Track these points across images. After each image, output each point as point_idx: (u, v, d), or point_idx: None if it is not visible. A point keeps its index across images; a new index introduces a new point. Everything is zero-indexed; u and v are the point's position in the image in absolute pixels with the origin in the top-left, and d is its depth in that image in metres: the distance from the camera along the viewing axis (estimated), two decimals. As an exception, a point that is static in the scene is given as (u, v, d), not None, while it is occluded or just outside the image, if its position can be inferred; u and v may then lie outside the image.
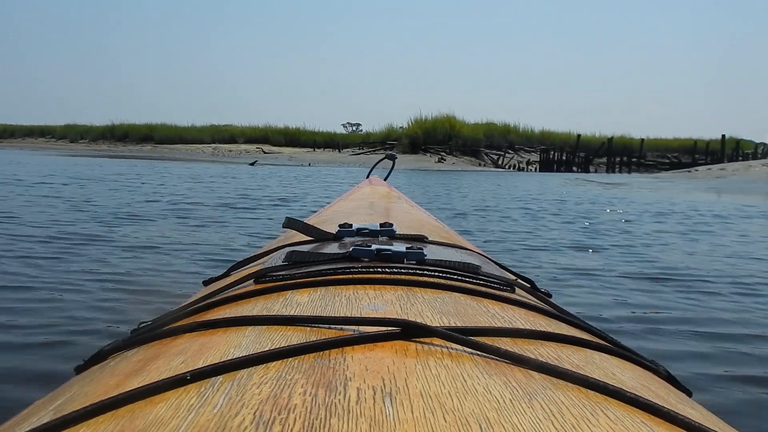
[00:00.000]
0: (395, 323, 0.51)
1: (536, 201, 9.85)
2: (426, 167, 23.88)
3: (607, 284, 3.30)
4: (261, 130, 34.43)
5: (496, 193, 12.06)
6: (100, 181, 10.66)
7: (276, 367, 0.44)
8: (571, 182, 17.53)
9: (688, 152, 30.75)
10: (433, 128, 28.51)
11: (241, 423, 0.36)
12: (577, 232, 5.78)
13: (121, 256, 3.54)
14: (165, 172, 14.68)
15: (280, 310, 0.60)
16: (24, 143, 37.75)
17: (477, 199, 9.85)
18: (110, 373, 0.54)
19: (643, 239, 5.33)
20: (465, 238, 1.56)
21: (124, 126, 36.61)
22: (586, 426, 0.39)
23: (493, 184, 15.68)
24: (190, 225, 5.17)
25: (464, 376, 0.44)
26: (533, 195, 11.51)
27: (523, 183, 16.48)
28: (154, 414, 0.40)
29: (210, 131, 35.34)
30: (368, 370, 0.43)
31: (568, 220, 7.00)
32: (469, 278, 0.75)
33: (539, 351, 0.52)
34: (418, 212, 1.67)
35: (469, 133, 29.02)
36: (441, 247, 1.01)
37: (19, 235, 4.17)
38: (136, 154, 29.10)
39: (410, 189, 11.08)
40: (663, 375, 0.65)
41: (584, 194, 12.22)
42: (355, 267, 0.73)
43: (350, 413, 0.37)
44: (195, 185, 10.46)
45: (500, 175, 22.35)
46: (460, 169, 24.24)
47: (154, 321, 0.71)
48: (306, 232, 1.01)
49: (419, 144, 28.08)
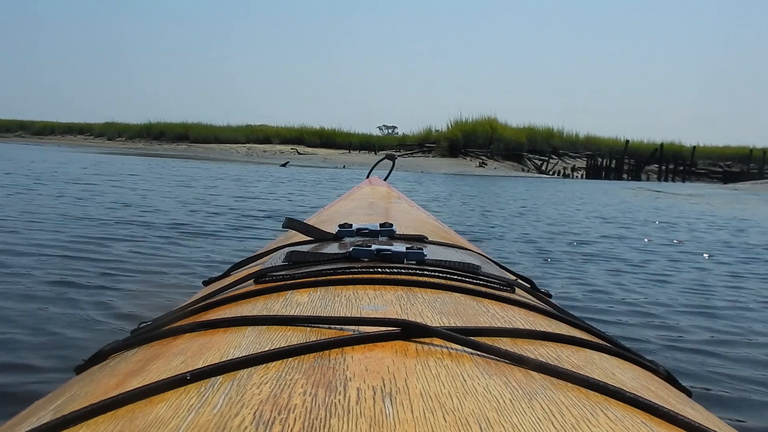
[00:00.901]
0: (395, 323, 0.51)
1: (631, 221, 7.44)
2: (466, 171, 22.46)
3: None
4: (296, 130, 33.93)
5: (561, 205, 9.88)
6: (110, 178, 10.00)
7: (276, 367, 0.44)
8: (642, 192, 15.41)
9: (743, 161, 28.77)
10: (473, 131, 27.09)
11: (241, 423, 0.36)
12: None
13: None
14: (178, 171, 13.64)
15: (280, 310, 0.60)
16: (63, 140, 38.30)
17: (543, 218, 7.33)
18: (110, 373, 0.54)
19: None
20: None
21: (161, 125, 36.63)
22: (586, 426, 0.38)
23: (546, 191, 13.84)
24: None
25: (464, 376, 0.44)
26: (616, 210, 9.22)
27: (583, 192, 14.30)
28: (154, 414, 0.40)
29: (245, 131, 35.10)
30: (368, 370, 0.43)
31: (737, 259, 4.52)
32: (469, 278, 0.75)
33: (539, 351, 0.52)
34: (418, 212, 1.67)
35: (511, 136, 27.55)
36: (441, 247, 1.01)
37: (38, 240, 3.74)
38: (169, 152, 28.81)
39: (449, 202, 9.45)
40: (663, 375, 0.64)
41: (684, 211, 9.69)
42: (355, 267, 0.73)
43: (350, 413, 0.37)
44: (186, 189, 8.86)
45: (547, 181, 20.73)
46: (503, 175, 22.72)
47: (154, 321, 0.70)
48: (306, 232, 1.01)
49: (459, 147, 26.72)
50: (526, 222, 6.85)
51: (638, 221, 7.66)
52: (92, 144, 36.19)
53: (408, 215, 1.47)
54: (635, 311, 2.84)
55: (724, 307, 3.04)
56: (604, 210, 9.36)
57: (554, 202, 10.73)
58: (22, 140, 38.06)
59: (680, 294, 3.29)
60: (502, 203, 9.74)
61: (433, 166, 23.09)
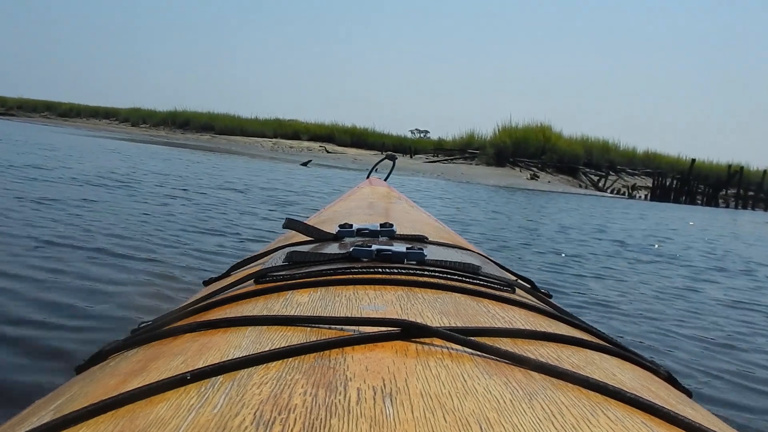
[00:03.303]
0: (395, 323, 0.50)
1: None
2: (515, 184, 19.33)
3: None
4: (326, 127, 32.19)
5: (669, 241, 7.28)
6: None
7: (276, 368, 0.44)
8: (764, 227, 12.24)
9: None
10: (524, 138, 24.04)
11: (241, 423, 0.36)
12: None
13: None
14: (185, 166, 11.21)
15: (280, 310, 0.60)
16: (86, 123, 37.37)
17: (672, 266, 5.04)
18: (110, 373, 0.54)
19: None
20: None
21: (187, 113, 35.52)
22: (586, 426, 0.38)
23: (626, 216, 11.02)
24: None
25: (464, 376, 0.43)
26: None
27: (671, 219, 11.42)
28: (155, 414, 0.40)
29: (273, 125, 33.87)
30: (368, 370, 0.43)
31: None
32: (469, 278, 0.74)
33: (539, 351, 0.52)
34: (418, 212, 1.65)
35: (565, 147, 24.43)
36: (441, 247, 1.00)
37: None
38: (190, 143, 26.85)
39: (510, 222, 7.13)
40: (663, 375, 0.64)
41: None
42: (355, 267, 0.73)
43: (350, 413, 0.36)
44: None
45: (611, 201, 17.58)
46: (560, 191, 19.54)
47: (155, 321, 0.70)
48: (306, 232, 1.00)
49: (506, 155, 23.72)
50: (648, 274, 4.43)
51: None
52: (114, 129, 35.21)
53: (408, 215, 1.47)
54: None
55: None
56: (751, 253, 6.63)
57: (654, 234, 7.92)
58: (46, 120, 37.09)
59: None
60: (579, 229, 7.42)
61: (478, 176, 20.13)
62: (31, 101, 43.05)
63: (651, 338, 2.74)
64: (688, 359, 2.49)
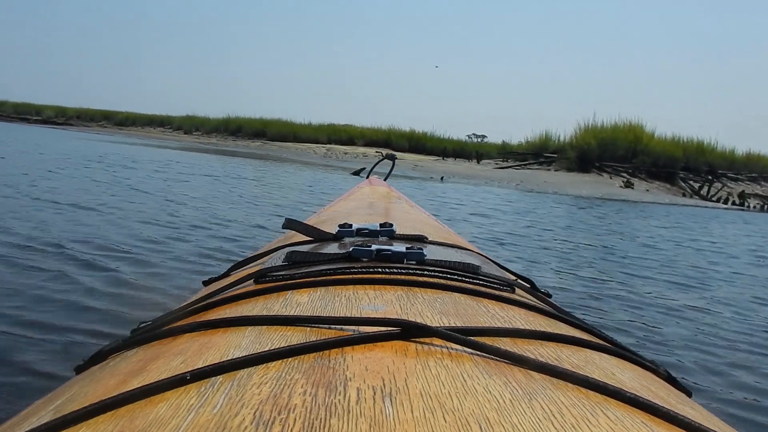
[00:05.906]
0: (395, 323, 0.51)
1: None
2: (611, 194, 16.20)
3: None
4: (383, 132, 30.56)
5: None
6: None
7: (276, 367, 0.44)
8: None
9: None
10: (612, 140, 20.80)
11: (241, 423, 0.36)
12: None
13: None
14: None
15: (280, 310, 0.60)
16: (140, 132, 37.31)
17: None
18: (110, 373, 0.54)
19: None
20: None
21: (239, 120, 34.95)
22: (586, 426, 0.39)
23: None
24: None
25: (464, 376, 0.44)
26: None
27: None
28: (154, 414, 0.40)
29: (326, 130, 32.64)
30: (368, 370, 0.43)
31: None
32: (469, 278, 0.75)
33: (539, 351, 0.52)
34: (418, 212, 1.65)
35: (659, 149, 21.01)
36: (441, 247, 1.01)
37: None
38: (241, 150, 25.41)
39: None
40: (663, 375, 0.64)
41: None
42: (355, 267, 0.73)
43: (350, 413, 0.37)
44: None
45: (723, 213, 14.33)
46: (666, 201, 16.33)
47: (154, 321, 0.70)
48: (306, 232, 1.01)
49: (591, 159, 20.54)
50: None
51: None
52: (165, 137, 34.76)
53: (408, 215, 1.47)
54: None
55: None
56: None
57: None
58: (101, 129, 37.21)
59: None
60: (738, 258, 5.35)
61: (564, 184, 16.99)
62: (90, 110, 43.51)
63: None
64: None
